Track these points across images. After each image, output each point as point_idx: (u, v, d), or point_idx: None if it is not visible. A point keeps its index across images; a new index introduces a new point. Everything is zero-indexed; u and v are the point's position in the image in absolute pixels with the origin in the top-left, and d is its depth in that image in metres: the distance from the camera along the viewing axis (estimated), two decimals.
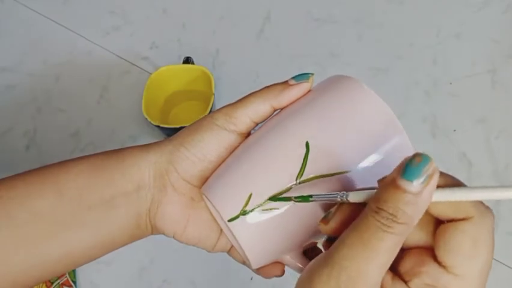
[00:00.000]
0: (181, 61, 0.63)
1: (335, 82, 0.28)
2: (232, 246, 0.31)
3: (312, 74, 0.29)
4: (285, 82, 0.29)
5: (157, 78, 0.60)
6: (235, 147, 0.28)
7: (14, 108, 0.66)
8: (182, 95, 0.62)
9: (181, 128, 0.54)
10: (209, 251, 0.32)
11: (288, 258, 0.28)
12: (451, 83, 0.63)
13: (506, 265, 0.53)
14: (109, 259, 0.56)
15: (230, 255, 0.32)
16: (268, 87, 0.29)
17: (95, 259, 0.30)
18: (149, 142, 0.51)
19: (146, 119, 0.56)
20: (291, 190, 0.25)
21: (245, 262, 0.31)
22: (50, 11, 0.72)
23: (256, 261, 0.27)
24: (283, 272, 0.30)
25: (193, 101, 0.62)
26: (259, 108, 0.28)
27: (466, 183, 0.64)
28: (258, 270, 0.30)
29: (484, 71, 0.64)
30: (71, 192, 0.28)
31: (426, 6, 0.69)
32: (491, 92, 0.62)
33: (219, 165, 0.28)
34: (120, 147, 0.30)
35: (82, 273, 0.55)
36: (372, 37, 0.67)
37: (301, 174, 0.25)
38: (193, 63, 0.63)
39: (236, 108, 0.28)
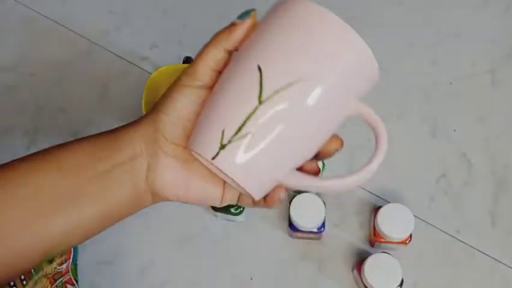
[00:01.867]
0: (181, 61, 0.63)
1: (278, 5, 0.29)
2: (240, 195, 0.32)
3: (253, 9, 0.31)
4: (231, 23, 0.31)
5: (157, 78, 0.60)
6: (204, 99, 0.30)
7: (15, 108, 0.66)
8: None
9: None
10: (219, 205, 0.33)
11: (285, 179, 0.29)
12: (450, 83, 0.63)
13: (506, 265, 0.53)
14: (109, 259, 0.56)
15: (240, 203, 0.33)
16: (217, 33, 0.31)
17: (97, 232, 0.32)
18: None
19: None
20: (257, 111, 0.27)
21: (253, 202, 0.32)
22: (51, 11, 0.72)
23: (255, 191, 0.28)
24: (285, 193, 0.31)
25: None
26: (215, 56, 0.30)
27: (466, 183, 0.63)
28: (264, 201, 0.31)
29: (483, 71, 0.64)
30: (71, 167, 0.30)
31: (426, 6, 0.69)
32: (491, 92, 0.63)
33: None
34: None
35: (82, 273, 0.56)
36: (372, 37, 0.67)
37: (261, 95, 0.27)
38: None
39: (195, 63, 0.30)
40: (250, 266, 0.55)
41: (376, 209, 0.52)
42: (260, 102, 0.27)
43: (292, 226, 0.52)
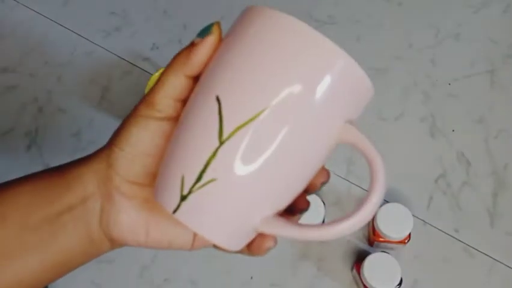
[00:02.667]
0: None
1: (241, 16, 0.24)
2: None
3: (216, 22, 0.25)
4: (191, 43, 0.25)
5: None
6: (167, 132, 0.26)
7: (15, 109, 0.66)
8: None
9: None
10: (189, 250, 0.29)
11: (264, 227, 0.24)
12: (449, 84, 0.64)
13: (506, 265, 0.53)
14: (110, 258, 0.56)
15: (218, 249, 0.28)
16: (175, 56, 0.26)
17: (48, 283, 0.28)
18: None
19: None
20: (218, 153, 0.22)
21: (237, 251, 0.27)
22: (51, 11, 0.73)
23: (229, 244, 0.24)
24: (275, 243, 0.26)
25: None
26: (175, 84, 0.25)
27: (465, 183, 0.63)
28: (249, 251, 0.27)
29: (482, 71, 0.64)
30: (14, 216, 0.26)
31: (425, 6, 0.69)
32: (490, 92, 0.63)
33: (161, 156, 0.26)
34: None
35: (82, 273, 0.56)
36: (372, 38, 0.67)
37: (222, 132, 0.22)
38: None
39: (154, 92, 0.26)
40: (250, 265, 0.55)
41: None
42: (221, 142, 0.22)
43: None
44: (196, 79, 0.25)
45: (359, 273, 0.50)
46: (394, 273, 0.48)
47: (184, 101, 0.26)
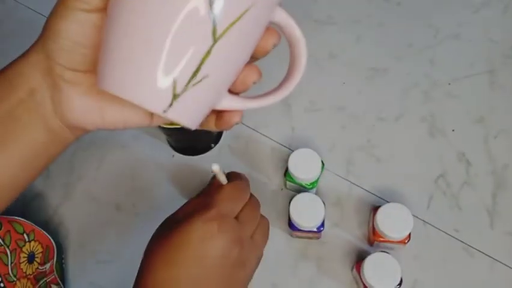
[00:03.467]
0: None
1: None
2: None
3: None
4: None
5: None
6: (102, 24, 0.25)
7: None
8: None
9: (182, 128, 0.54)
10: (149, 126, 0.30)
11: (220, 105, 0.28)
12: (449, 83, 0.64)
13: (506, 265, 0.53)
14: (109, 259, 0.56)
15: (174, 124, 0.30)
16: None
17: (28, 181, 0.29)
18: (151, 142, 0.51)
19: None
20: (213, 51, 0.23)
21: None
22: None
23: (193, 124, 0.26)
24: (241, 117, 0.29)
25: None
26: None
27: (464, 183, 0.63)
28: (219, 125, 0.29)
29: (482, 72, 0.64)
30: None
31: (425, 6, 0.69)
32: (490, 92, 0.63)
33: (97, 45, 0.26)
34: (121, 146, 0.30)
35: (82, 273, 0.56)
36: (371, 38, 0.67)
37: (215, 31, 0.23)
38: None
39: None
40: None
41: (375, 209, 0.52)
42: (215, 40, 0.23)
43: (292, 225, 0.52)
44: None
45: (359, 273, 0.50)
46: (394, 273, 0.48)
47: None
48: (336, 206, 0.57)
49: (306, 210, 0.51)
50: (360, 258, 0.52)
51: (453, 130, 0.61)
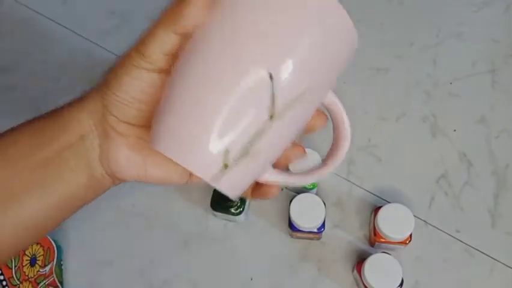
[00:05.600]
0: None
1: None
2: None
3: None
4: None
5: None
6: (163, 84, 0.26)
7: (14, 109, 0.66)
8: None
9: None
10: (185, 183, 0.30)
11: (262, 178, 0.28)
12: (451, 83, 0.63)
13: (507, 265, 0.53)
14: (109, 259, 0.56)
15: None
16: (165, 10, 0.25)
17: (58, 223, 0.29)
18: None
19: None
20: (267, 128, 0.24)
21: None
22: (50, 11, 0.72)
23: (237, 196, 0.27)
24: (279, 189, 0.30)
25: None
26: (165, 41, 0.25)
27: (466, 184, 0.63)
28: (256, 196, 0.29)
29: (484, 71, 0.64)
30: (15, 155, 0.27)
31: (427, 6, 0.69)
32: (492, 91, 0.62)
33: (155, 103, 0.27)
34: None
35: (81, 273, 0.56)
36: (373, 37, 0.67)
37: (273, 108, 0.23)
38: None
39: (146, 44, 0.25)
40: (250, 266, 0.55)
41: (376, 209, 0.52)
42: (270, 118, 0.24)
43: (292, 226, 0.52)
44: (186, 36, 0.25)
45: (360, 274, 0.49)
46: (395, 274, 0.48)
47: (176, 55, 0.25)
48: (337, 206, 0.57)
49: (307, 211, 0.51)
50: (361, 259, 0.51)
51: (454, 130, 0.60)
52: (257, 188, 0.29)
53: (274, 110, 0.23)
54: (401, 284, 0.48)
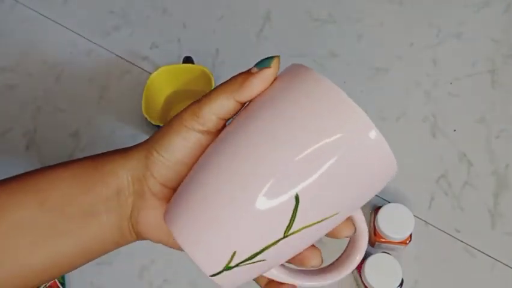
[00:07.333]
0: (181, 61, 0.63)
1: (303, 94, 0.24)
2: None
3: (277, 56, 0.26)
4: (248, 71, 0.26)
5: (157, 78, 0.60)
6: (206, 146, 0.27)
7: (14, 108, 0.66)
8: (182, 95, 0.62)
9: None
10: None
11: (274, 272, 0.28)
12: (451, 83, 0.63)
13: (507, 265, 0.53)
14: (109, 259, 0.56)
15: None
16: (231, 78, 0.27)
17: (79, 266, 0.30)
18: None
19: (146, 118, 0.56)
20: (279, 243, 0.24)
21: None
22: (50, 10, 0.72)
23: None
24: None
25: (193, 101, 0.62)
26: (223, 104, 0.26)
27: (466, 183, 0.63)
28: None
29: (484, 71, 0.64)
30: (52, 202, 0.28)
31: (427, 6, 0.69)
32: (492, 91, 0.62)
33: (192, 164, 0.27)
34: (120, 147, 0.30)
35: (82, 274, 0.55)
36: (372, 37, 0.67)
37: (289, 228, 0.23)
38: (193, 63, 0.63)
39: (201, 106, 0.27)
40: None
41: (376, 209, 0.52)
42: (285, 235, 0.24)
43: None
44: (243, 105, 0.27)
45: (360, 274, 0.49)
46: (395, 273, 0.48)
47: (226, 120, 0.27)
48: None
49: None
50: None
51: (454, 130, 0.60)
52: (270, 282, 0.29)
53: (290, 230, 0.23)
54: (401, 284, 0.48)
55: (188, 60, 0.63)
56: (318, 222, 0.24)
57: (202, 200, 0.24)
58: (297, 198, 0.23)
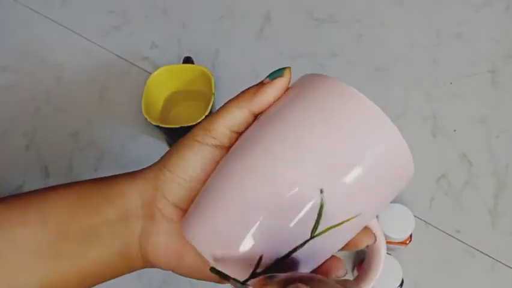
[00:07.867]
0: (181, 61, 0.63)
1: (323, 96, 0.25)
2: None
3: (288, 67, 0.26)
4: (260, 82, 0.26)
5: (157, 78, 0.60)
6: (218, 161, 0.26)
7: (14, 108, 0.66)
8: (182, 95, 0.62)
9: (181, 128, 0.54)
10: (216, 283, 0.29)
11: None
12: (451, 83, 0.63)
13: (507, 265, 0.53)
14: None
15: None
16: (243, 91, 0.27)
17: None
18: (149, 142, 0.51)
19: (146, 119, 0.56)
20: (306, 245, 0.23)
21: None
22: (50, 10, 0.72)
23: None
24: None
25: (193, 101, 0.62)
26: (236, 116, 0.26)
27: (466, 184, 0.63)
28: None
29: (484, 71, 0.64)
30: (52, 221, 0.27)
31: (427, 6, 0.69)
32: (492, 91, 0.62)
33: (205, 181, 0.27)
34: (120, 147, 0.30)
35: None
36: (373, 37, 0.67)
37: (315, 229, 0.23)
38: (193, 63, 0.63)
39: (213, 119, 0.26)
40: None
41: None
42: (312, 236, 0.23)
43: None
44: (255, 116, 0.26)
45: None
46: (395, 274, 0.48)
47: (240, 134, 0.26)
48: None
49: None
50: (361, 259, 0.51)
51: (455, 130, 0.60)
52: None
53: (316, 229, 0.23)
54: (401, 284, 0.48)
55: (188, 60, 0.63)
56: (343, 222, 0.23)
57: (227, 209, 0.24)
58: (321, 201, 0.23)
